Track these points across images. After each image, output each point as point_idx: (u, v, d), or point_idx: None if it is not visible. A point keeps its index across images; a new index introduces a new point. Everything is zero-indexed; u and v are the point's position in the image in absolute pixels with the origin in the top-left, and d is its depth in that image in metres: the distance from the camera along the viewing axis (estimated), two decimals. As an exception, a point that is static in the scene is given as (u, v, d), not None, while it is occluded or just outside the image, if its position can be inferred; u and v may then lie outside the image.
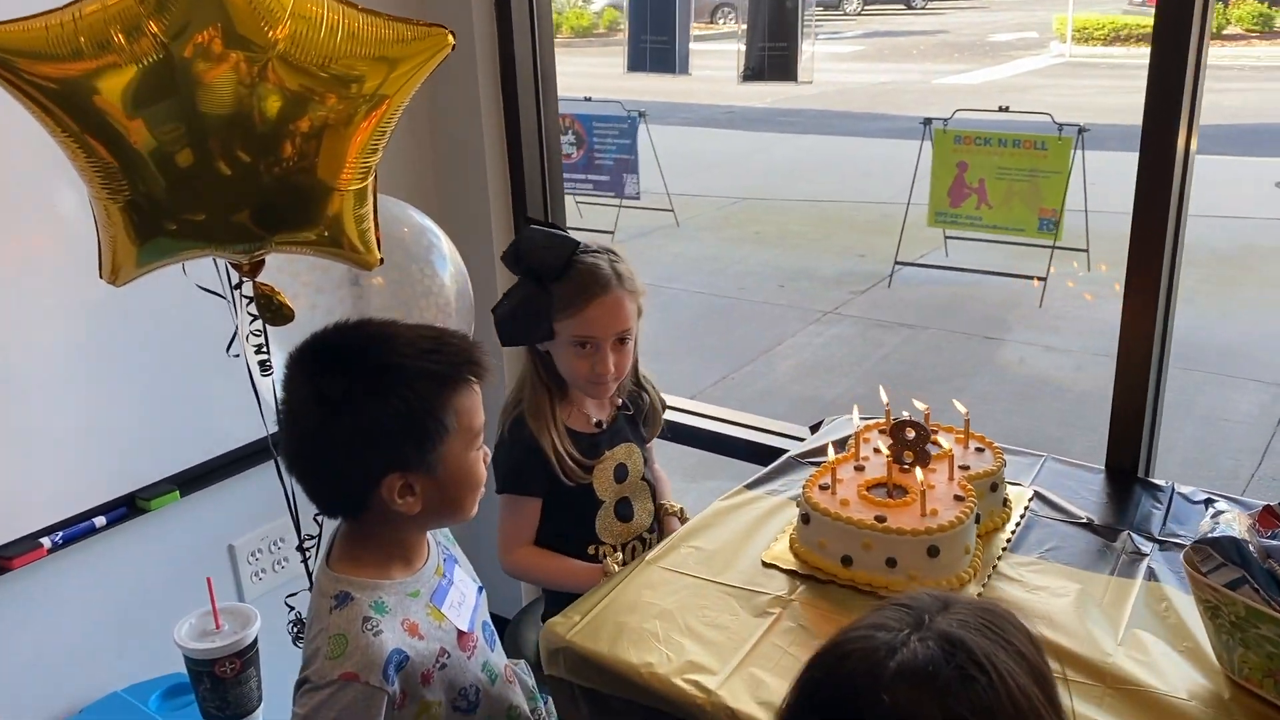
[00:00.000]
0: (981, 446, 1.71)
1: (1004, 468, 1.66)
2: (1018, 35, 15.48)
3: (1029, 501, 1.71)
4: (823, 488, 1.57)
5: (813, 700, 0.81)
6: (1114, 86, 11.49)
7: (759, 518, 1.70)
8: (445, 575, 1.44)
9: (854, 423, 1.77)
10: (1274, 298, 5.51)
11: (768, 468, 1.87)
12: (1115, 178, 6.21)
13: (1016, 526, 1.63)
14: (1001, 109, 5.50)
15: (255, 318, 1.46)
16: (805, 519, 1.55)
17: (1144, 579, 1.49)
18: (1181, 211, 1.74)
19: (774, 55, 4.05)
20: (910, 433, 1.61)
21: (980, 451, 1.70)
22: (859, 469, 1.63)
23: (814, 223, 7.46)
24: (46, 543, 1.85)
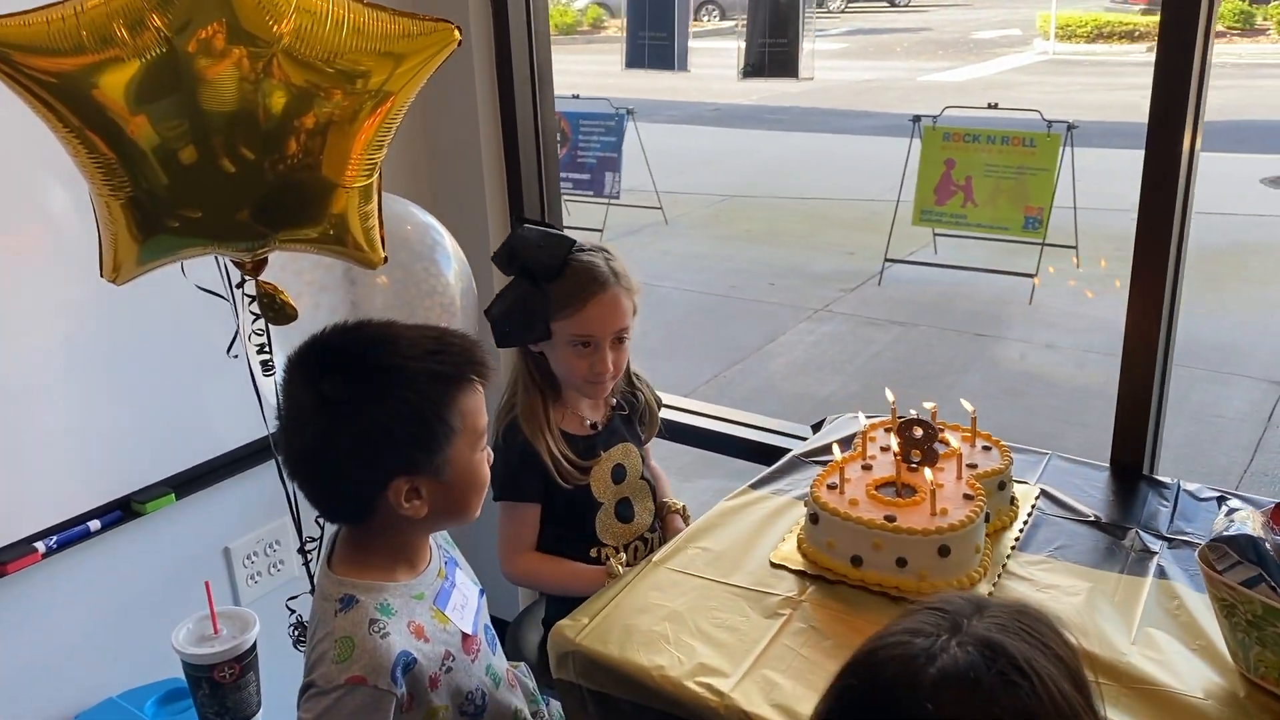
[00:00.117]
0: (989, 445, 1.70)
1: (1011, 466, 1.65)
2: (1001, 32, 15.53)
3: (1035, 499, 1.70)
4: (830, 487, 1.56)
5: (850, 709, 0.79)
6: (1097, 84, 11.55)
7: (765, 518, 1.69)
8: (447, 577, 1.42)
9: (860, 421, 1.76)
10: (1261, 294, 5.54)
11: (772, 467, 1.85)
12: (1101, 175, 6.28)
13: (1024, 525, 1.63)
14: (990, 106, 5.51)
15: (257, 317, 1.43)
16: (814, 519, 1.54)
17: (1154, 577, 1.49)
18: (1186, 210, 1.74)
19: (774, 51, 4.04)
20: (918, 431, 1.61)
21: (987, 450, 1.69)
22: (866, 468, 1.62)
23: (802, 220, 7.46)
24: (41, 547, 1.82)
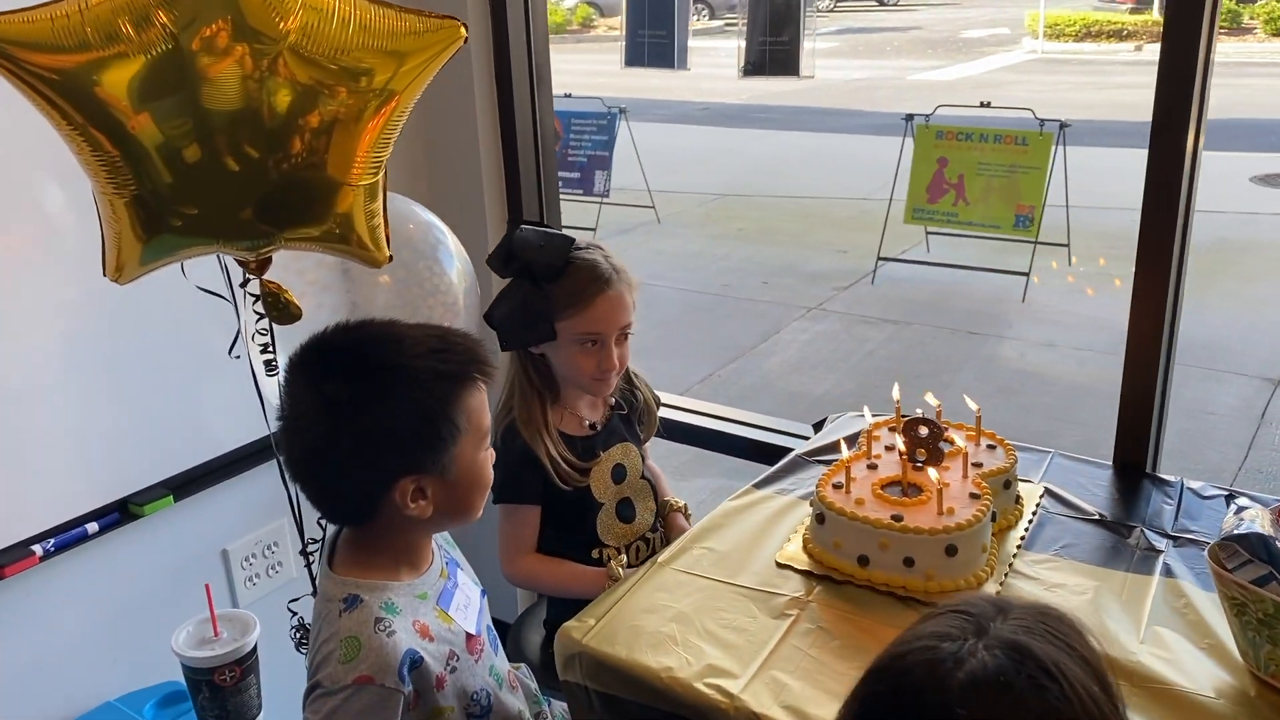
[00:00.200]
0: (993, 443, 1.70)
1: (1016, 464, 1.65)
2: (990, 31, 15.58)
3: (1040, 498, 1.70)
4: (836, 487, 1.55)
5: (877, 716, 0.78)
6: (1086, 82, 11.59)
7: (770, 517, 1.68)
8: (450, 578, 1.41)
9: (866, 419, 1.76)
10: (1251, 292, 5.57)
11: (775, 466, 1.85)
12: (1090, 173, 6.29)
13: (1030, 523, 1.62)
14: (983, 104, 5.51)
15: (261, 316, 1.42)
16: (820, 519, 1.53)
17: (1161, 575, 1.49)
18: (1189, 209, 1.74)
19: (775, 50, 4.02)
20: (923, 430, 1.60)
21: (992, 448, 1.69)
22: (872, 467, 1.61)
23: (795, 219, 7.46)
24: (38, 550, 1.80)
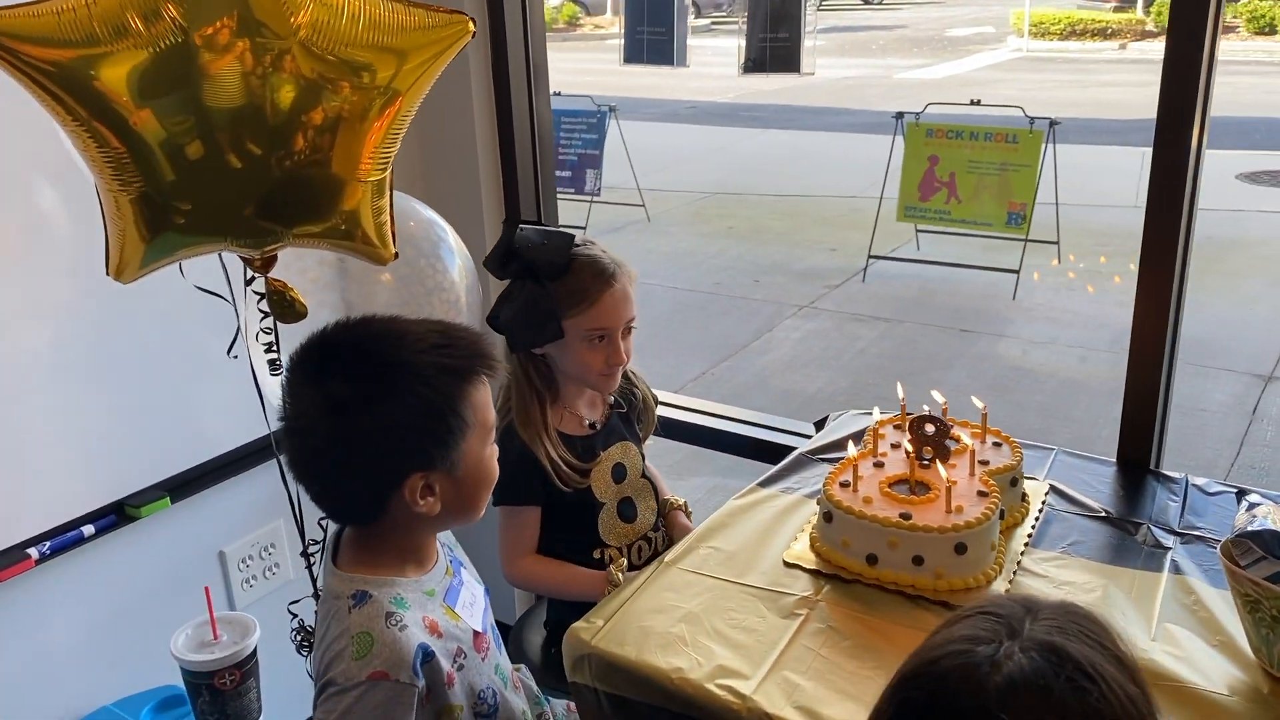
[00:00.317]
0: (999, 441, 1.69)
1: (1022, 462, 1.65)
2: (975, 30, 15.65)
3: (1045, 495, 1.69)
4: (844, 485, 1.54)
5: None
6: (1072, 81, 11.64)
7: (775, 516, 1.67)
8: (455, 575, 1.40)
9: (874, 415, 1.75)
10: (1240, 289, 5.60)
11: (779, 465, 1.84)
12: (1078, 170, 6.30)
13: (1036, 521, 1.62)
14: (973, 102, 5.52)
15: (265, 315, 1.40)
16: (828, 517, 1.52)
17: (1169, 572, 1.49)
18: (1193, 207, 1.74)
19: (776, 47, 4.00)
20: (929, 428, 1.60)
21: (998, 446, 1.68)
22: (878, 465, 1.60)
23: (785, 217, 7.46)
24: (34, 553, 1.78)
